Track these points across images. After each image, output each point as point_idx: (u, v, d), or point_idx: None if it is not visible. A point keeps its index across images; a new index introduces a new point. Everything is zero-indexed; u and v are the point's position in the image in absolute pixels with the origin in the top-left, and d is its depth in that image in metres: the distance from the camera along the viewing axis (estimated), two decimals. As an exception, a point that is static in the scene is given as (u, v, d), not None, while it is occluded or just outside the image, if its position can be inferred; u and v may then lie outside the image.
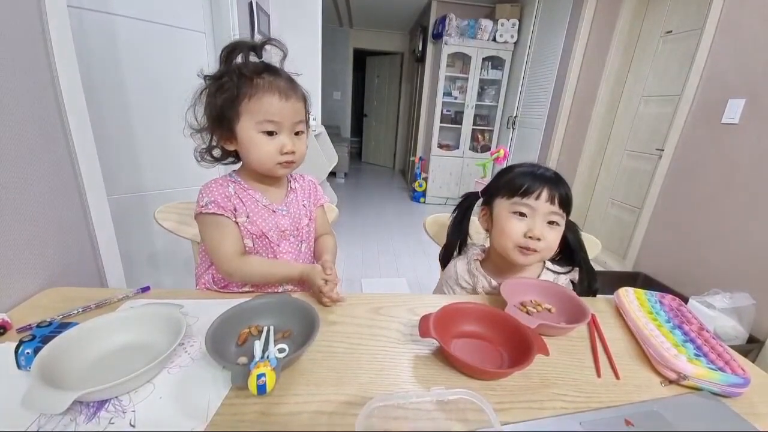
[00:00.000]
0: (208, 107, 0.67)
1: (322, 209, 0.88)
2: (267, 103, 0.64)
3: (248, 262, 0.70)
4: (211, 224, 0.70)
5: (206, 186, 0.71)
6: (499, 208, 0.75)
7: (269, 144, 0.67)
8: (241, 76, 0.65)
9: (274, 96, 0.65)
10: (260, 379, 0.43)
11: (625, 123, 2.55)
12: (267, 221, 0.73)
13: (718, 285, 1.58)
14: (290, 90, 0.67)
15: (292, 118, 0.68)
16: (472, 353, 0.56)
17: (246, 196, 0.72)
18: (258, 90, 0.64)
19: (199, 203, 0.69)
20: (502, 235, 0.73)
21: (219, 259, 0.69)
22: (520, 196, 0.71)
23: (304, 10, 2.27)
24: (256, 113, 0.65)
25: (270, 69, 0.67)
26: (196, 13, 1.40)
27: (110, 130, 1.20)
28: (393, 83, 5.97)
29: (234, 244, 0.70)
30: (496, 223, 0.75)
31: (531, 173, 0.72)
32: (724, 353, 0.55)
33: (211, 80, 0.67)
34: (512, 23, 3.62)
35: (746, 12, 1.64)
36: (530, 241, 0.70)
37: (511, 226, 0.72)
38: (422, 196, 4.35)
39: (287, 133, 0.68)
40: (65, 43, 0.78)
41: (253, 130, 0.66)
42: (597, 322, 0.67)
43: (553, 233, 0.72)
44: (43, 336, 0.50)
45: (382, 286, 2.32)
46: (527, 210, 0.71)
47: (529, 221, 0.71)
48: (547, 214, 0.71)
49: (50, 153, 0.77)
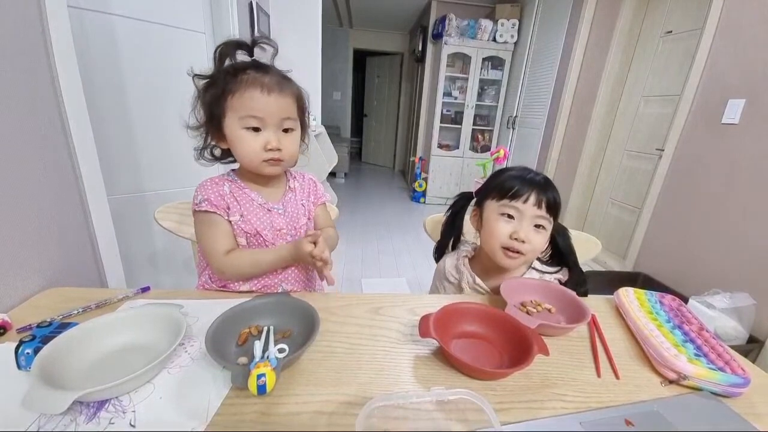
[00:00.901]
0: (201, 106, 0.68)
1: (324, 207, 0.87)
2: (248, 97, 0.64)
3: (236, 256, 0.70)
4: (204, 222, 0.71)
5: (202, 184, 0.72)
6: (489, 210, 0.77)
7: (253, 140, 0.66)
8: (227, 74, 0.65)
9: (256, 90, 0.64)
10: (260, 379, 0.43)
11: (625, 123, 2.55)
12: (262, 220, 0.73)
13: (718, 285, 1.57)
14: (275, 85, 0.66)
15: (277, 114, 0.66)
16: (472, 353, 0.56)
17: (241, 195, 0.72)
18: (241, 85, 0.64)
19: (194, 201, 0.71)
20: (489, 235, 0.75)
21: (210, 257, 0.70)
22: (508, 198, 0.73)
23: (304, 11, 2.27)
24: (239, 109, 0.64)
25: (257, 66, 0.67)
26: (196, 14, 1.40)
27: (110, 130, 1.20)
28: (393, 83, 5.97)
29: (224, 242, 0.70)
30: (485, 223, 0.77)
31: (521, 177, 0.74)
32: (724, 353, 0.55)
33: (200, 79, 0.67)
34: (512, 23, 3.63)
35: (746, 12, 1.64)
36: (515, 243, 0.72)
37: (498, 227, 0.74)
38: (422, 196, 4.35)
39: (273, 129, 0.67)
40: (65, 43, 0.78)
41: (237, 125, 0.65)
42: (597, 322, 0.67)
43: (539, 237, 0.73)
44: (43, 336, 0.50)
45: (382, 286, 2.32)
46: (515, 212, 0.73)
47: (515, 223, 0.73)
48: (534, 218, 0.72)
49: (50, 153, 0.77)
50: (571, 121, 2.84)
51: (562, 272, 0.80)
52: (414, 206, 4.26)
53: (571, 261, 0.80)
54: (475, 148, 4.21)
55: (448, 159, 4.20)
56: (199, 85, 0.68)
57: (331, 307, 0.67)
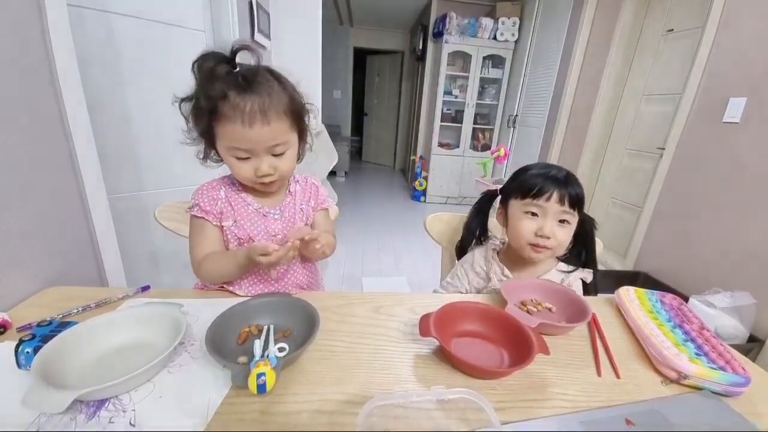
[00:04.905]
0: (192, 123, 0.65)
1: (325, 212, 0.84)
2: (231, 130, 0.60)
3: (207, 264, 0.69)
4: (194, 227, 0.72)
5: (198, 188, 0.72)
6: (513, 209, 0.79)
7: (243, 167, 0.65)
8: (207, 95, 0.59)
9: (237, 123, 0.59)
10: (260, 379, 0.43)
11: (625, 122, 2.55)
12: (256, 225, 0.72)
13: (718, 284, 1.57)
14: (258, 113, 0.59)
15: (264, 143, 0.62)
16: (472, 352, 0.56)
17: (236, 200, 0.72)
18: (222, 114, 0.59)
19: (189, 204, 0.71)
20: (515, 233, 0.78)
21: (191, 263, 0.71)
22: (531, 197, 0.74)
23: (304, 9, 2.26)
24: (224, 138, 0.62)
25: (237, 85, 0.59)
26: (196, 12, 1.40)
27: (110, 130, 1.19)
28: (393, 82, 5.96)
29: (205, 248, 0.70)
30: (511, 221, 0.80)
31: (543, 174, 0.75)
32: (724, 352, 0.55)
33: (184, 101, 0.63)
34: (513, 22, 3.62)
35: (747, 10, 1.63)
36: (541, 239, 0.74)
37: (523, 225, 0.76)
38: (422, 195, 4.35)
39: (263, 155, 0.64)
40: (65, 42, 0.78)
41: (226, 153, 0.64)
42: (597, 322, 0.67)
43: (564, 231, 0.75)
44: (43, 335, 0.50)
45: (382, 285, 2.32)
46: (538, 210, 0.75)
47: (540, 220, 0.74)
48: (558, 213, 0.74)
49: (50, 153, 0.77)
50: (572, 120, 2.83)
51: (586, 272, 0.81)
52: (414, 205, 4.26)
53: (589, 250, 0.82)
54: (476, 147, 4.20)
55: (449, 158, 4.20)
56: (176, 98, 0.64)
57: (331, 306, 0.67)
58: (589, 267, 0.81)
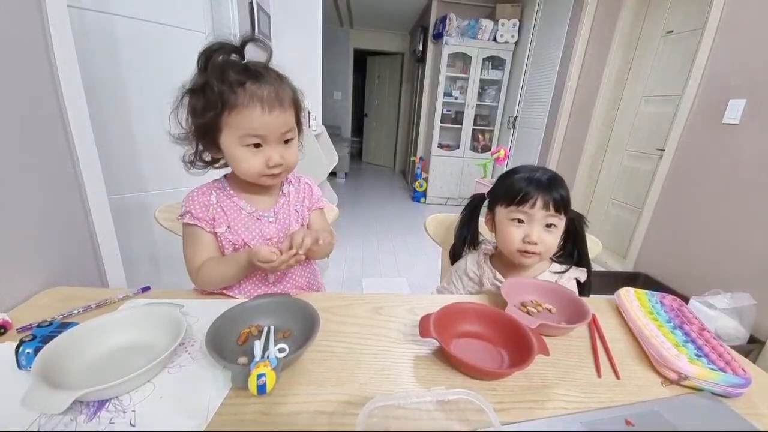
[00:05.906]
0: (191, 117, 0.64)
1: (321, 212, 0.83)
2: (248, 117, 0.60)
3: (205, 270, 0.68)
4: (185, 234, 0.70)
5: (189, 194, 0.70)
6: (500, 215, 0.79)
7: (254, 158, 0.63)
8: (221, 83, 0.59)
9: (256, 109, 0.59)
10: (260, 379, 0.43)
11: (625, 123, 2.55)
12: (250, 230, 0.71)
13: (718, 285, 1.57)
14: (275, 100, 0.61)
15: (278, 129, 0.63)
16: (472, 353, 0.56)
17: (229, 205, 0.70)
18: (239, 102, 0.59)
19: (180, 211, 0.70)
20: (503, 240, 0.78)
21: (188, 272, 0.70)
22: (516, 205, 0.74)
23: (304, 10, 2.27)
24: (237, 127, 0.61)
25: (253, 75, 0.61)
26: (196, 13, 1.40)
27: (110, 130, 1.20)
28: (393, 83, 5.97)
29: (201, 255, 0.68)
30: (498, 228, 0.80)
31: (527, 179, 0.75)
32: (724, 353, 0.55)
33: (190, 92, 0.63)
34: (513, 23, 3.62)
35: (747, 12, 1.64)
36: (529, 245, 0.74)
37: (510, 232, 0.76)
38: (423, 196, 4.35)
39: (274, 144, 0.64)
40: (65, 43, 0.78)
41: (236, 143, 0.62)
42: (597, 323, 0.67)
43: (551, 236, 0.75)
44: (44, 336, 0.50)
45: (382, 286, 2.32)
46: (524, 217, 0.75)
47: (526, 227, 0.75)
48: (544, 218, 0.74)
49: (51, 153, 0.77)
50: (572, 122, 2.83)
51: (579, 271, 0.81)
52: (414, 206, 4.26)
53: (580, 248, 0.82)
54: (476, 148, 4.20)
55: (449, 159, 4.20)
56: (184, 88, 0.63)
57: (331, 306, 0.67)
58: (581, 265, 0.82)
